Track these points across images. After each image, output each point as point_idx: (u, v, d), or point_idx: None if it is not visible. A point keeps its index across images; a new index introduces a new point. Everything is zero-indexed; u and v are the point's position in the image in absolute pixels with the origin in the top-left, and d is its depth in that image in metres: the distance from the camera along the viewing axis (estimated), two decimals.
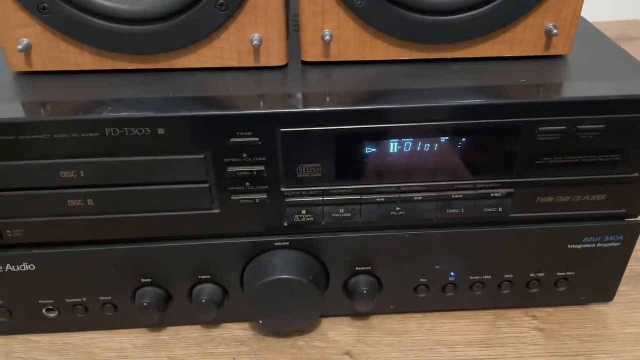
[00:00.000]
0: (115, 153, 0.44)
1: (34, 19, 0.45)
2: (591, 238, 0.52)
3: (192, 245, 0.50)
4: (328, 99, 0.45)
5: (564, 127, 0.45)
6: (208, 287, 0.52)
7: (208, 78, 0.48)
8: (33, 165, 0.44)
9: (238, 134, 0.44)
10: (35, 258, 0.49)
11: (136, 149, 0.44)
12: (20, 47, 0.46)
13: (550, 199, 0.49)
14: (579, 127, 0.45)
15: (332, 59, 0.49)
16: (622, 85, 0.46)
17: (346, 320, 0.57)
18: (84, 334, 0.55)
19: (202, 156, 0.45)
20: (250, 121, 0.44)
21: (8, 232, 0.48)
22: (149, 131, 0.43)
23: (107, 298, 0.52)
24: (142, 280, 0.51)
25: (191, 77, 0.48)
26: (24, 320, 0.53)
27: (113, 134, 0.43)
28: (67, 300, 0.52)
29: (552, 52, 0.50)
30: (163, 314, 0.52)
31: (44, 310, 0.53)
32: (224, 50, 0.48)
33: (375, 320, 0.57)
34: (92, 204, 0.46)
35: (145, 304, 0.51)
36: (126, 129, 0.43)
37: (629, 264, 0.54)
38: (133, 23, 0.46)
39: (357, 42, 0.49)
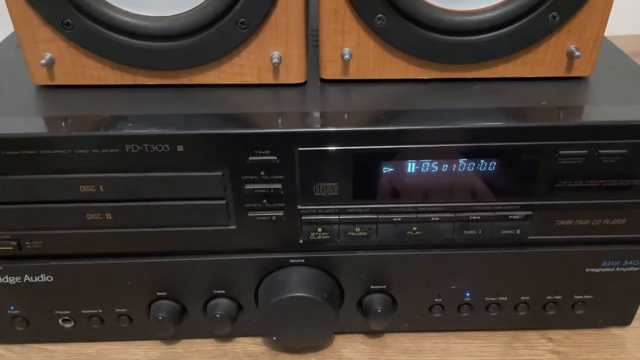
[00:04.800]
0: (135, 168, 0.44)
1: (58, 34, 0.46)
2: (610, 262, 0.51)
3: (208, 260, 0.50)
4: (348, 118, 0.45)
5: (585, 151, 0.44)
6: (222, 302, 0.52)
7: (227, 94, 0.48)
8: (53, 179, 0.45)
9: (256, 152, 0.44)
10: (53, 269, 0.50)
11: (155, 164, 0.44)
12: (43, 61, 0.47)
13: (570, 222, 0.49)
14: (600, 151, 0.44)
15: (351, 76, 0.49)
16: None
17: (359, 337, 0.56)
18: (99, 345, 0.55)
19: (220, 173, 0.45)
20: (269, 140, 0.44)
21: (27, 243, 0.48)
22: (168, 148, 0.43)
23: (122, 310, 0.53)
24: (158, 293, 0.52)
25: (211, 93, 0.48)
26: (41, 330, 0.54)
27: (133, 150, 0.43)
28: (83, 311, 0.53)
29: (573, 74, 0.49)
30: (177, 326, 0.52)
31: (60, 321, 0.53)
32: (244, 67, 0.48)
33: (389, 338, 0.56)
34: (111, 217, 0.47)
35: (160, 317, 0.51)
36: (146, 145, 0.43)
37: None
38: (154, 39, 0.46)
39: (376, 61, 0.49)
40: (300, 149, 0.44)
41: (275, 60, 0.47)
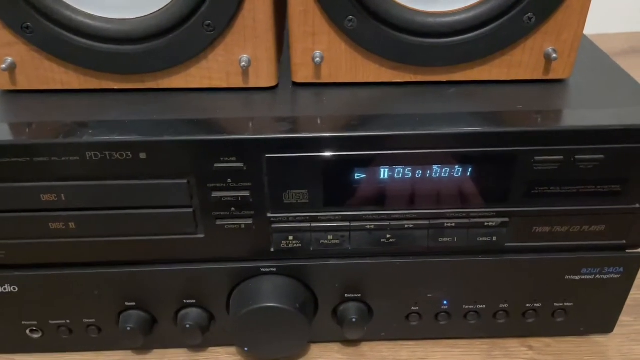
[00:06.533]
0: (96, 176, 0.43)
1: (18, 38, 0.45)
2: (590, 269, 0.50)
3: (177, 270, 0.49)
4: (317, 123, 0.44)
5: (561, 157, 0.43)
6: (193, 312, 0.51)
7: (195, 99, 0.47)
8: (13, 187, 0.43)
9: (222, 159, 0.43)
10: (17, 280, 0.48)
11: (118, 172, 0.43)
12: (4, 65, 0.45)
13: (547, 229, 0.47)
14: (576, 156, 0.43)
15: (323, 80, 0.48)
16: (622, 113, 0.44)
17: (335, 346, 0.55)
18: (69, 355, 0.54)
19: (186, 181, 0.44)
20: (234, 146, 0.42)
21: None
22: (131, 155, 0.42)
23: (90, 320, 0.51)
24: (126, 303, 0.50)
25: (178, 98, 0.47)
26: (8, 341, 0.52)
27: (94, 158, 0.42)
28: (50, 322, 0.51)
29: (551, 76, 0.48)
30: (148, 337, 0.51)
31: (27, 331, 0.52)
32: (212, 70, 0.47)
33: (366, 347, 0.55)
34: (74, 226, 0.45)
35: (129, 328, 0.50)
36: (107, 152, 0.42)
37: (631, 293, 0.52)
38: (118, 42, 0.45)
39: (348, 64, 0.47)
40: (267, 155, 0.43)
41: (244, 63, 0.46)
